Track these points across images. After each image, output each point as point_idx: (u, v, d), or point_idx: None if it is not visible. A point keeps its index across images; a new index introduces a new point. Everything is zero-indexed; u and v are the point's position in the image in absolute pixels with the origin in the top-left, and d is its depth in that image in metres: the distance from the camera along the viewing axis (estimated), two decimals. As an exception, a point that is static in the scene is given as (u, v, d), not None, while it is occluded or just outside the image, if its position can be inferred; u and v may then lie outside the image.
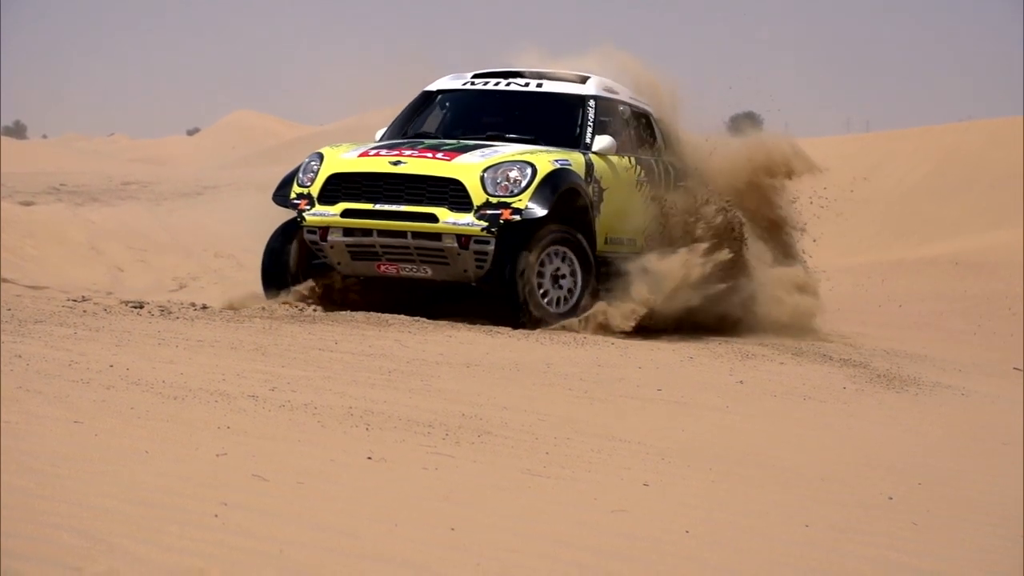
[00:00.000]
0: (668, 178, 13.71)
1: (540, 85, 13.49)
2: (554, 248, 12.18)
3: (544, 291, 12.11)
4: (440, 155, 12.20)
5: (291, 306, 12.00)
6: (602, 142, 12.90)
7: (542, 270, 12.12)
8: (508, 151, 12.37)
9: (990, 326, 19.28)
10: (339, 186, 12.20)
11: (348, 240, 12.12)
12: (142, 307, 10.71)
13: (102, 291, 13.88)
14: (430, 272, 12.11)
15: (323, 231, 12.17)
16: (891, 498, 6.82)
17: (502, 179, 11.95)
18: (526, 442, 7.10)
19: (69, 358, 7.65)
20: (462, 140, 12.82)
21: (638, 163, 13.38)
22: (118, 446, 5.70)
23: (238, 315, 10.95)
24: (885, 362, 12.52)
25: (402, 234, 11.96)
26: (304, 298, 12.24)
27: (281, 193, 12.48)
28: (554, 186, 12.11)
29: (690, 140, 14.35)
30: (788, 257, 14.58)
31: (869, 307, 21.31)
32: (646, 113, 13.95)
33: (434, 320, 11.51)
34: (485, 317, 11.94)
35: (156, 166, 58.45)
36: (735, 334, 13.06)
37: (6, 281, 13.55)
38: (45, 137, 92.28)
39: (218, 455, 5.80)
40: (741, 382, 10.35)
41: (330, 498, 5.35)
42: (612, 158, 13.01)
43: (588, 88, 13.37)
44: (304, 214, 12.21)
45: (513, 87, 13.56)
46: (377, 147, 12.48)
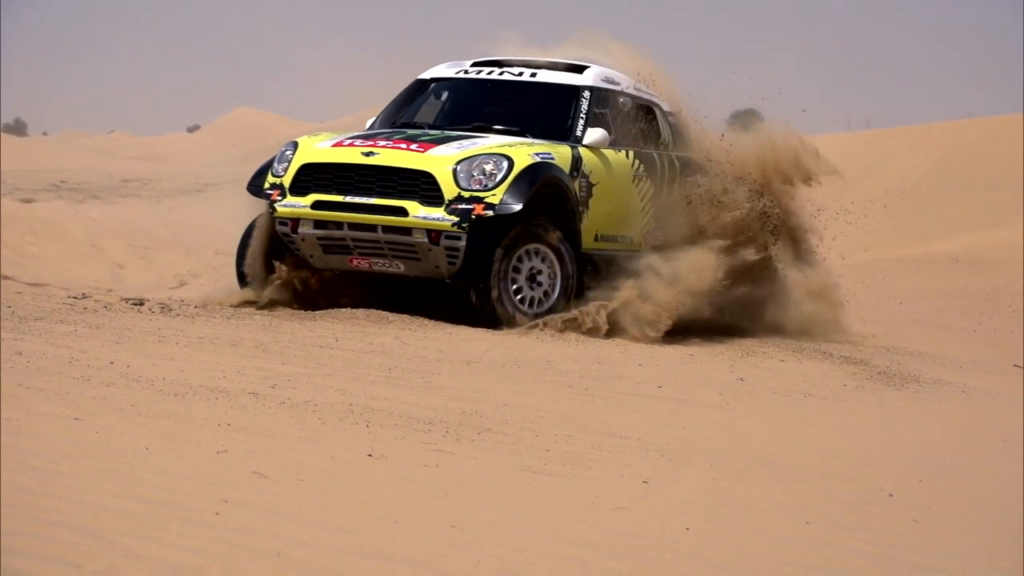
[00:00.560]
0: (672, 173, 13.24)
1: (534, 75, 13.06)
2: (531, 246, 11.78)
3: (519, 290, 11.70)
4: (414, 147, 11.80)
5: (261, 303, 11.67)
6: (594, 135, 12.49)
7: (517, 268, 11.71)
8: (487, 143, 11.95)
9: (990, 323, 19.28)
10: (311, 177, 11.82)
11: (319, 233, 11.72)
12: (142, 304, 10.71)
13: (102, 288, 13.88)
14: (403, 268, 11.71)
15: (294, 223, 11.78)
16: (891, 495, 6.82)
17: (476, 172, 11.52)
18: (526, 439, 7.10)
19: (69, 355, 7.65)
20: (446, 131, 12.43)
21: (637, 157, 12.94)
22: (118, 443, 5.70)
23: (238, 312, 10.95)
24: (885, 359, 12.52)
25: (372, 228, 11.56)
26: (278, 293, 11.88)
27: (255, 183, 12.13)
28: (532, 181, 11.68)
29: (706, 135, 13.78)
30: (808, 263, 14.04)
31: (869, 304, 21.32)
32: (651, 105, 13.47)
33: (433, 319, 11.47)
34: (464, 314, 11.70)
35: (157, 163, 58.45)
36: (739, 332, 12.93)
37: (6, 278, 13.56)
38: (46, 134, 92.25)
39: (218, 452, 5.80)
40: (741, 379, 10.35)
41: (330, 495, 5.35)
42: (606, 152, 12.60)
43: (584, 79, 12.92)
44: (275, 205, 11.84)
45: (506, 76, 13.14)
46: (353, 137, 12.08)
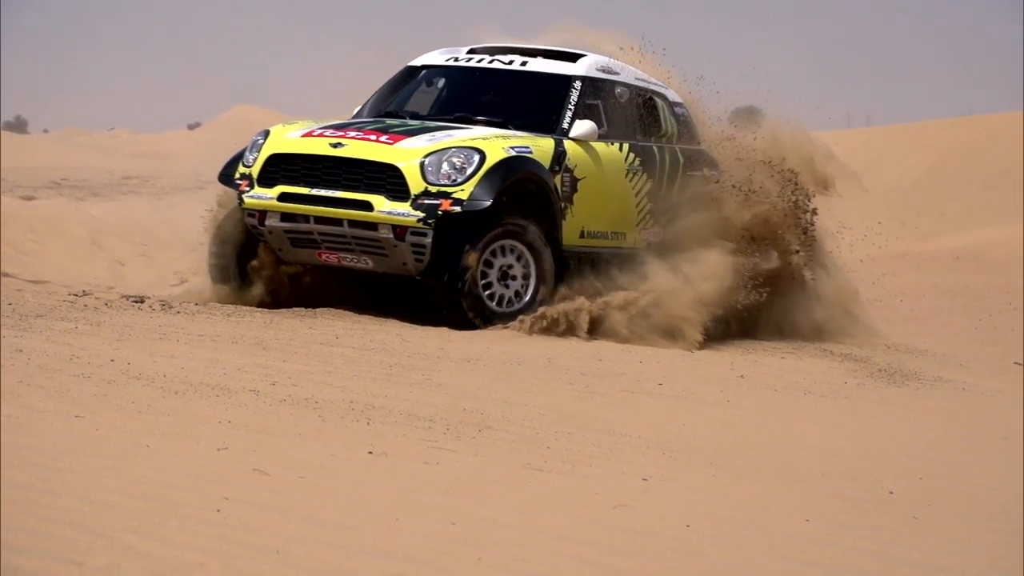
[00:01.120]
0: (675, 167, 12.76)
1: (524, 64, 12.52)
2: (504, 242, 11.31)
3: (490, 288, 11.27)
4: (384, 138, 11.34)
5: (236, 301, 11.36)
6: (582, 128, 11.98)
7: (488, 266, 11.25)
8: (461, 136, 11.46)
9: (991, 321, 19.27)
10: (279, 167, 11.39)
11: (286, 226, 11.31)
12: (143, 302, 10.69)
13: (103, 286, 13.87)
14: (371, 263, 11.26)
15: (261, 215, 11.36)
16: (892, 492, 6.82)
17: (445, 166, 11.06)
18: (527, 437, 7.10)
19: (70, 352, 7.65)
20: (427, 122, 12.00)
21: (632, 151, 12.42)
22: (119, 440, 5.70)
23: (239, 310, 10.95)
24: (886, 357, 12.51)
25: (338, 222, 11.14)
26: (253, 290, 11.59)
27: (226, 172, 11.71)
28: (504, 175, 11.22)
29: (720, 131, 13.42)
30: (829, 267, 13.58)
31: (870, 301, 21.31)
32: (654, 95, 12.91)
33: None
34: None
35: (157, 161, 58.38)
36: (741, 331, 12.79)
37: (7, 275, 13.55)
38: (46, 131, 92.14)
39: (219, 449, 5.80)
40: (742, 377, 10.35)
41: (331, 493, 5.35)
42: (595, 145, 12.08)
43: (577, 68, 12.39)
44: (243, 196, 11.43)
45: (495, 65, 12.60)
46: (325, 127, 11.60)
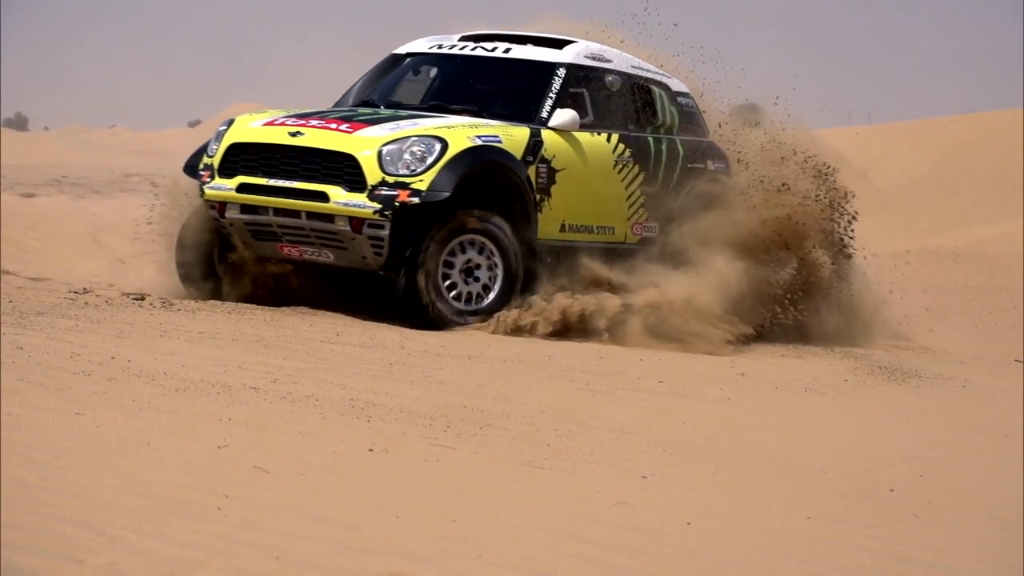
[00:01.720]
0: (673, 158, 12.33)
1: (508, 51, 12.07)
2: (467, 237, 10.90)
3: (452, 285, 10.88)
4: (344, 127, 10.94)
5: (201, 297, 11.07)
6: (562, 117, 11.51)
7: (450, 261, 10.87)
8: (426, 124, 11.03)
9: (991, 318, 19.27)
10: (239, 157, 11.06)
11: (246, 218, 10.98)
12: (143, 299, 10.69)
13: (104, 283, 13.87)
14: (332, 257, 10.90)
15: (221, 207, 11.05)
16: (892, 490, 6.82)
17: (405, 156, 10.66)
18: (527, 434, 7.10)
19: (70, 350, 7.65)
20: (399, 111, 11.60)
21: (623, 141, 11.98)
22: (119, 438, 5.70)
23: (239, 307, 10.94)
24: (886, 354, 12.51)
25: (296, 214, 10.79)
26: (220, 286, 11.32)
27: (191, 163, 11.39)
28: (468, 165, 10.78)
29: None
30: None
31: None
32: (651, 85, 12.46)
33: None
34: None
35: (158, 158, 58.45)
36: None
37: (7, 273, 13.54)
38: (47, 129, 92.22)
39: (220, 447, 5.80)
40: (742, 374, 10.35)
41: (332, 490, 5.35)
42: (578, 135, 11.63)
43: (563, 55, 11.94)
44: (204, 187, 11.13)
45: (478, 52, 12.17)
46: (289, 116, 11.24)
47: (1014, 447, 8.58)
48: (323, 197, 10.70)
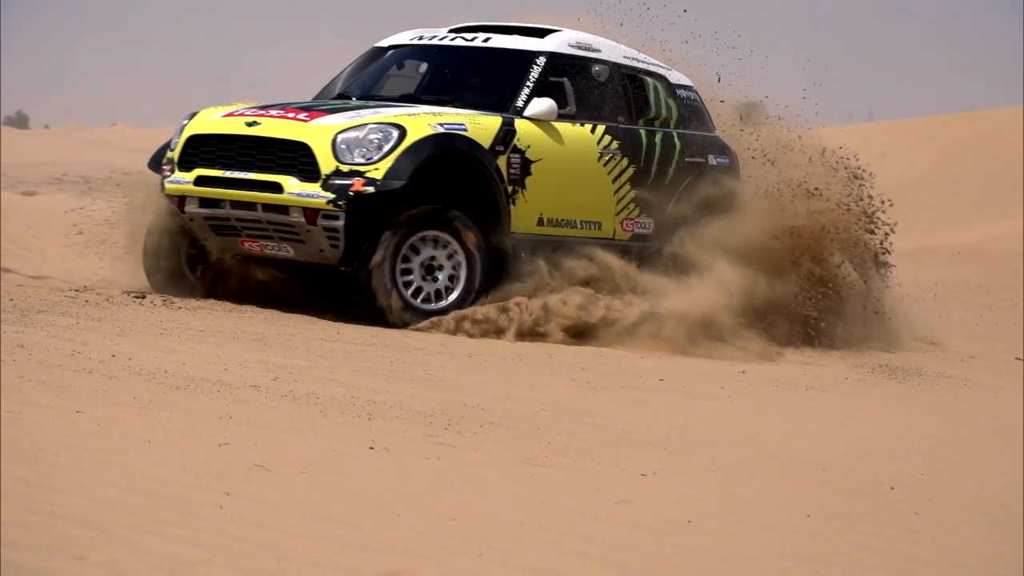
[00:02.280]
0: (667, 153, 11.86)
1: (487, 40, 11.62)
2: (430, 232, 10.46)
3: (412, 282, 10.44)
4: (302, 115, 10.54)
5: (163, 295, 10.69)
6: (538, 106, 11.05)
7: (409, 257, 10.42)
8: (386, 112, 10.59)
9: (992, 316, 19.26)
10: (197, 150, 10.71)
11: (205, 212, 10.62)
12: (144, 297, 10.68)
13: (104, 281, 13.88)
14: (291, 251, 10.48)
15: (180, 201, 10.70)
16: (893, 488, 6.82)
17: (361, 144, 10.24)
18: (528, 432, 7.10)
19: (71, 348, 7.65)
20: (370, 101, 11.18)
21: (609, 132, 11.51)
22: (120, 436, 5.70)
23: (240, 305, 10.94)
24: (887, 352, 12.50)
25: (252, 206, 10.40)
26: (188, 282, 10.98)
27: (155, 158, 11.09)
28: (427, 153, 10.34)
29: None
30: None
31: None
32: (644, 75, 11.97)
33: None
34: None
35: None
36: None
37: (8, 271, 13.54)
38: (47, 127, 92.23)
39: (220, 445, 5.80)
40: (743, 372, 10.35)
41: (332, 488, 5.35)
42: (558, 125, 11.17)
43: (545, 43, 11.48)
44: (164, 181, 10.81)
45: (457, 42, 11.73)
46: (250, 107, 10.84)
47: (1014, 445, 8.58)
48: (277, 188, 10.32)
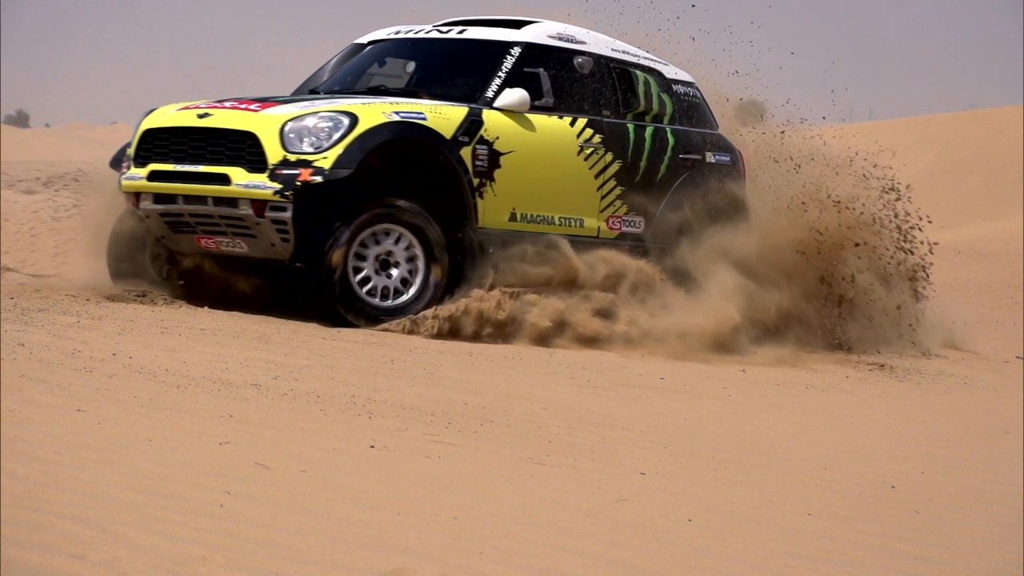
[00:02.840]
0: (659, 149, 11.48)
1: (462, 31, 11.27)
2: (383, 225, 10.03)
3: (365, 278, 10.03)
4: (255, 106, 10.13)
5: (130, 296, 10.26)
6: (509, 96, 10.63)
7: (363, 251, 10.01)
8: (342, 102, 10.20)
9: (992, 315, 19.26)
10: (151, 144, 10.37)
11: (160, 208, 10.26)
12: (145, 296, 10.67)
13: (104, 280, 13.86)
14: (245, 247, 10.08)
15: (135, 197, 10.36)
16: (893, 487, 6.82)
17: (309, 132, 9.85)
18: (528, 431, 7.10)
19: (72, 346, 7.65)
20: (335, 95, 10.78)
21: (591, 126, 11.09)
22: (121, 435, 5.70)
23: (239, 305, 10.93)
24: (887, 351, 12.50)
25: (203, 200, 10.02)
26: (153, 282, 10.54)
27: (116, 157, 10.80)
28: (379, 142, 9.92)
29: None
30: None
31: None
32: (640, 70, 11.61)
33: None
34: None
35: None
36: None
37: (8, 270, 13.54)
38: (48, 126, 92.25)
39: (221, 444, 5.80)
40: (743, 371, 10.35)
41: (333, 487, 5.35)
42: (533, 117, 10.75)
43: (522, 34, 11.09)
44: (121, 179, 10.50)
45: (432, 35, 11.37)
46: (215, 101, 10.40)
47: (1015, 443, 8.58)
48: (225, 180, 9.94)
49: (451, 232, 10.34)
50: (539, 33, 11.18)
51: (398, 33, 11.68)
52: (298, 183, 9.77)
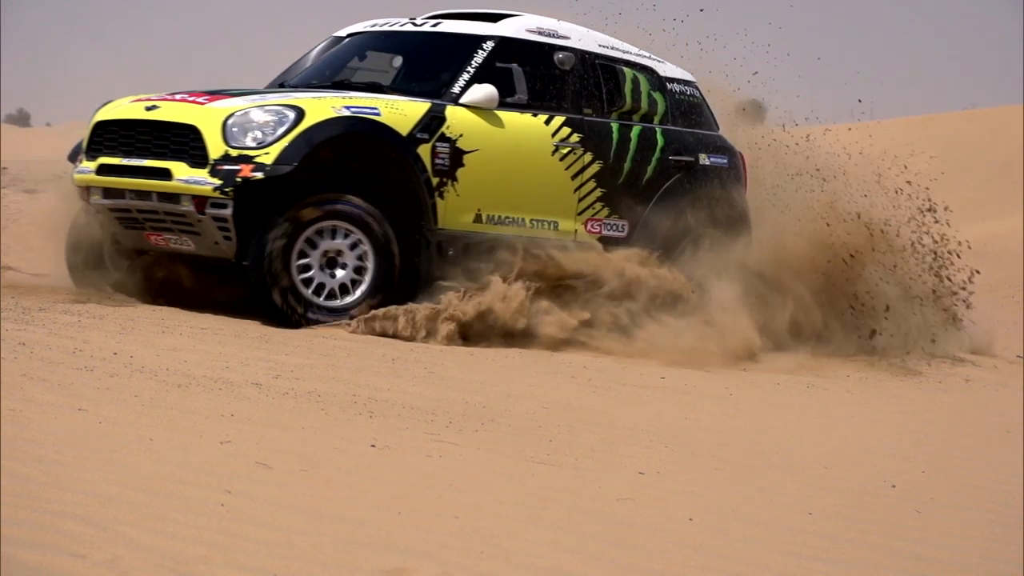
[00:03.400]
0: (645, 149, 11.01)
1: (436, 24, 10.86)
2: (328, 222, 9.63)
3: (310, 278, 9.66)
4: (203, 98, 9.80)
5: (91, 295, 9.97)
6: (476, 92, 10.17)
7: (308, 249, 9.64)
8: (291, 95, 9.86)
9: (992, 314, 19.25)
10: (103, 137, 10.09)
11: (109, 203, 9.96)
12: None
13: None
14: (192, 245, 9.78)
15: (86, 192, 10.08)
16: (894, 486, 6.82)
17: (252, 127, 9.51)
18: (529, 430, 7.10)
19: (73, 346, 7.65)
20: (297, 89, 10.46)
21: (569, 124, 10.62)
22: (122, 434, 5.70)
23: (237, 305, 10.93)
24: (888, 350, 12.49)
25: (148, 195, 9.70)
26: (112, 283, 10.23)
27: (75, 151, 10.47)
28: (325, 137, 9.57)
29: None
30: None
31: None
32: (629, 67, 11.15)
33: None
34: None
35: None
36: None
37: (9, 269, 13.54)
38: (48, 125, 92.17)
39: (222, 443, 5.80)
40: (744, 370, 10.34)
41: (334, 486, 5.36)
42: (503, 114, 10.32)
43: (498, 28, 10.64)
44: (73, 172, 10.23)
45: (407, 28, 10.98)
46: (173, 93, 10.07)
47: (1015, 443, 8.58)
48: (167, 174, 9.61)
49: (408, 232, 9.97)
50: (517, 27, 10.72)
51: (375, 26, 11.28)
52: (238, 179, 9.45)
